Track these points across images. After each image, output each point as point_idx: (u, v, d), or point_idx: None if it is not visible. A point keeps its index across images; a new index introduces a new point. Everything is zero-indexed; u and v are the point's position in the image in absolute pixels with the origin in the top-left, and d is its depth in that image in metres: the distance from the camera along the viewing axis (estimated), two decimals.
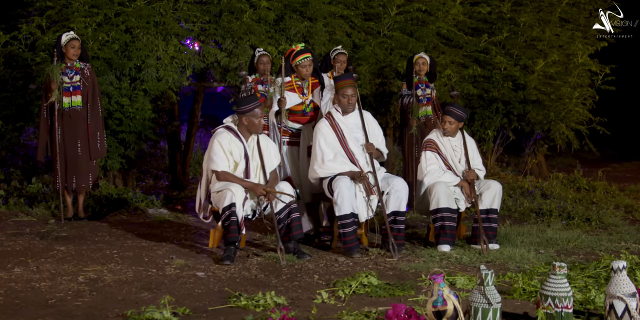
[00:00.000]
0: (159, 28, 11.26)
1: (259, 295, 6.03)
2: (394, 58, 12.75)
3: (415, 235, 9.25)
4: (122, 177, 12.05)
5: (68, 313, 5.74)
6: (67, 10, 11.16)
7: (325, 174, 8.13)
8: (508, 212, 11.03)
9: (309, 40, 12.19)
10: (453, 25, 13.63)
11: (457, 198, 8.40)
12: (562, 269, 5.32)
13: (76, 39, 9.58)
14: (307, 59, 8.78)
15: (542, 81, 14.03)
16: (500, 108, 13.90)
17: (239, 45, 11.62)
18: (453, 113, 8.52)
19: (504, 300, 6.14)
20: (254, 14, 11.72)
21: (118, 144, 11.23)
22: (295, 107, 8.86)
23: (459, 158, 8.60)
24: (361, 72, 12.44)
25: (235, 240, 7.54)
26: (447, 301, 5.08)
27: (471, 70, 13.27)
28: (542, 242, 8.62)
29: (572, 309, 5.31)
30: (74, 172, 9.71)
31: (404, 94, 10.86)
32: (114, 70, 11.02)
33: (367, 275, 6.63)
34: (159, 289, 6.49)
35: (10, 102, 11.12)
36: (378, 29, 13.01)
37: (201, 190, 8.08)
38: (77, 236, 8.80)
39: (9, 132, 11.13)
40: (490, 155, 15.05)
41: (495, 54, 13.72)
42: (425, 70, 10.69)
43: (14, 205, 10.56)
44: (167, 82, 11.29)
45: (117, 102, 11.05)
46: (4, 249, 7.99)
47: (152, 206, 10.92)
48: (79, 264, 7.35)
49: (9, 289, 6.39)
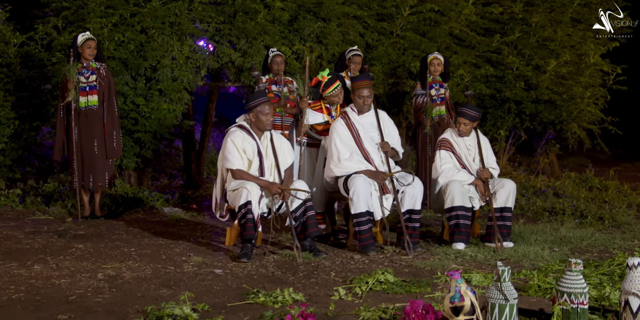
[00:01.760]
0: (174, 28, 11.34)
1: (277, 291, 6.11)
2: (407, 58, 12.82)
3: (430, 233, 9.30)
4: (138, 176, 12.15)
5: (89, 309, 5.81)
6: (83, 10, 11.25)
7: (341, 173, 8.19)
8: (521, 211, 11.09)
9: (322, 40, 12.26)
10: (465, 26, 13.69)
11: (472, 196, 8.46)
12: (578, 265, 5.37)
13: (92, 39, 9.67)
14: (338, 89, 8.77)
15: (554, 81, 14.06)
16: (512, 108, 13.94)
17: (253, 46, 11.70)
18: (467, 114, 8.57)
19: (519, 297, 6.20)
20: (268, 14, 11.81)
21: (133, 143, 11.31)
22: (318, 125, 8.90)
23: (473, 157, 8.65)
24: (374, 72, 12.50)
25: (251, 238, 7.61)
26: (464, 297, 5.14)
27: (483, 70, 13.33)
28: (555, 240, 8.67)
29: (587, 305, 5.36)
30: (90, 171, 9.80)
31: (417, 93, 10.90)
32: (129, 70, 11.11)
33: (384, 272, 6.69)
34: (178, 286, 6.56)
35: (26, 102, 11.21)
36: (391, 29, 13.08)
37: (217, 189, 8.16)
38: (95, 234, 8.88)
39: (25, 132, 11.21)
40: (503, 154, 15.10)
41: (507, 54, 13.77)
42: (440, 71, 10.74)
43: (31, 204, 10.68)
44: (182, 82, 11.38)
45: (132, 101, 11.14)
46: (22, 247, 8.08)
47: (167, 205, 11.00)
48: (98, 262, 7.43)
49: (29, 286, 6.47)
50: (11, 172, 11.35)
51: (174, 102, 11.47)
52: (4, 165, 11.19)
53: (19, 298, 6.11)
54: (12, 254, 7.70)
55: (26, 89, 11.26)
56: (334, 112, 8.81)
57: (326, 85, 8.68)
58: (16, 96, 11.13)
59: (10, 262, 7.35)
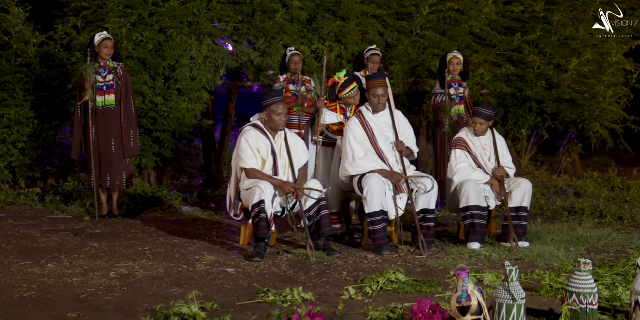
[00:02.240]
0: (193, 28, 11.37)
1: (287, 291, 6.10)
2: (427, 57, 12.77)
3: (446, 233, 9.26)
4: (157, 175, 12.19)
5: (99, 307, 5.83)
6: (102, 10, 11.30)
7: (355, 172, 8.16)
8: (541, 210, 11.02)
9: (341, 39, 12.25)
10: (486, 24, 13.61)
11: (487, 196, 8.41)
12: (587, 265, 5.33)
13: (109, 38, 9.71)
14: (355, 90, 8.70)
15: (576, 80, 13.95)
16: (533, 107, 13.85)
17: (272, 45, 11.71)
18: (482, 114, 8.51)
19: (531, 297, 6.17)
20: (286, 13, 11.80)
21: (152, 142, 11.35)
22: (332, 125, 8.88)
23: (488, 156, 8.60)
24: (394, 71, 12.47)
25: (264, 237, 7.61)
26: (471, 297, 5.11)
27: (504, 69, 13.25)
28: (572, 240, 8.60)
29: (597, 305, 5.31)
30: (108, 170, 9.84)
31: (436, 92, 10.84)
32: (148, 69, 11.15)
33: (395, 271, 6.67)
34: (189, 285, 6.57)
35: (46, 101, 11.27)
36: (411, 29, 13.03)
37: (231, 188, 8.17)
38: (111, 233, 8.92)
39: (44, 131, 11.27)
40: (525, 154, 15.03)
41: (528, 53, 13.67)
42: (459, 70, 10.68)
43: (50, 203, 10.74)
44: (201, 82, 11.40)
45: (151, 101, 11.18)
46: (38, 246, 8.12)
47: (186, 204, 11.02)
48: (112, 260, 7.46)
49: (41, 284, 6.51)
50: (31, 172, 11.41)
51: (193, 101, 11.50)
52: (23, 165, 11.26)
53: (30, 296, 6.14)
54: (27, 253, 7.75)
55: (46, 88, 11.32)
56: (349, 113, 8.77)
57: (342, 86, 8.64)
58: (36, 96, 11.21)
59: (25, 260, 7.40)
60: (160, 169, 12.20)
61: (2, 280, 6.64)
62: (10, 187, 11.44)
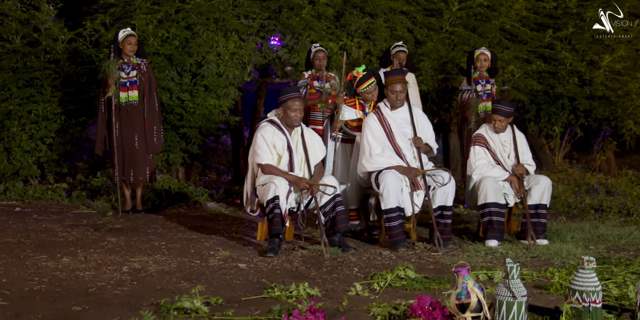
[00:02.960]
0: (219, 24, 11.41)
1: (292, 286, 6.09)
2: (457, 54, 12.70)
3: (467, 230, 9.19)
4: (185, 171, 12.24)
5: (105, 301, 5.87)
6: (130, 7, 11.39)
7: (372, 168, 8.13)
8: (568, 208, 10.89)
9: (369, 36, 12.22)
10: (517, 21, 13.48)
11: (506, 193, 8.33)
12: (591, 263, 5.25)
13: (132, 35, 9.77)
14: (372, 85, 8.62)
15: (609, 77, 13.76)
16: (566, 104, 13.71)
17: (299, 41, 11.71)
18: (501, 111, 8.42)
19: (539, 294, 6.11)
20: (312, 10, 11.79)
21: (179, 138, 11.40)
22: (351, 122, 8.84)
23: (508, 153, 8.51)
24: (423, 68, 12.42)
25: (279, 233, 7.60)
26: (470, 294, 5.06)
27: (535, 65, 13.12)
28: (593, 238, 8.48)
29: (600, 303, 5.23)
30: (131, 165, 9.91)
31: (463, 89, 10.76)
32: (174, 66, 11.20)
33: (405, 268, 6.63)
34: (199, 280, 6.58)
35: (74, 97, 11.38)
36: (440, 25, 12.95)
37: (248, 184, 8.18)
38: (131, 228, 8.98)
39: (71, 127, 11.38)
40: (558, 151, 14.87)
41: (560, 49, 13.52)
42: (487, 66, 10.59)
43: (76, 198, 10.85)
44: (228, 78, 11.43)
45: (178, 97, 11.23)
46: (56, 240, 8.19)
47: (211, 200, 11.07)
48: (126, 255, 7.51)
49: (53, 278, 6.56)
50: (59, 167, 11.53)
51: (221, 98, 11.53)
52: (51, 160, 11.38)
53: (40, 289, 6.19)
54: (44, 247, 7.82)
55: (73, 84, 11.42)
56: (367, 109, 8.71)
57: (360, 81, 8.59)
58: (63, 92, 11.32)
59: (41, 254, 7.47)
60: (188, 165, 12.27)
61: (15, 273, 6.71)
62: (39, 182, 11.57)
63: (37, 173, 11.34)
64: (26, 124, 11.10)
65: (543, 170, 14.31)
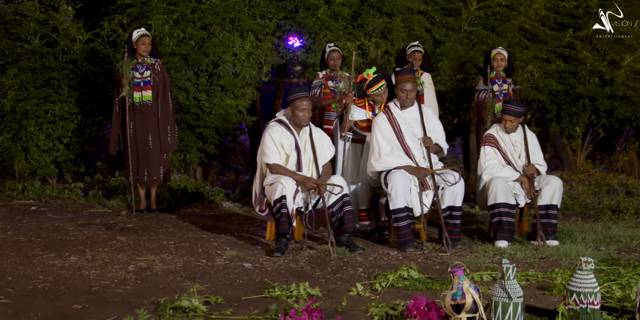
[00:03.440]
0: (235, 24, 11.43)
1: (293, 286, 6.08)
2: (475, 54, 12.62)
3: (480, 231, 9.12)
4: (203, 171, 12.27)
5: (105, 300, 5.89)
6: (147, 7, 11.45)
7: (381, 168, 8.10)
8: (585, 209, 10.78)
9: (387, 36, 12.18)
10: (537, 20, 13.38)
11: (517, 193, 8.27)
12: (589, 264, 5.21)
13: (146, 35, 9.81)
14: (382, 88, 8.59)
15: (630, 77, 13.58)
16: (587, 104, 13.58)
17: (316, 41, 11.71)
18: (511, 111, 8.35)
19: (542, 296, 6.06)
20: (328, 10, 11.78)
21: (196, 138, 11.44)
22: (361, 122, 8.82)
23: (518, 153, 8.45)
24: (441, 67, 12.36)
25: (285, 233, 7.60)
26: (466, 294, 5.03)
27: (554, 65, 13.01)
28: (605, 239, 8.37)
29: (599, 305, 5.18)
30: (145, 165, 9.95)
31: (479, 89, 10.69)
32: (191, 66, 11.23)
33: (408, 268, 6.61)
34: (202, 279, 6.60)
35: (90, 97, 11.43)
36: (458, 24, 12.89)
37: (256, 183, 8.18)
38: (142, 227, 9.02)
39: (88, 127, 11.43)
40: (580, 152, 14.72)
41: (581, 49, 13.40)
42: (503, 66, 10.51)
43: (93, 197, 10.91)
44: (244, 78, 11.45)
45: (194, 97, 11.26)
46: (67, 239, 8.25)
47: (227, 200, 11.09)
48: (134, 254, 7.54)
49: (58, 276, 6.61)
50: (76, 166, 11.59)
51: (238, 97, 11.56)
52: (68, 160, 11.44)
53: (43, 288, 6.24)
54: (54, 245, 7.88)
55: (90, 84, 11.47)
56: (377, 110, 8.68)
57: (370, 84, 8.57)
58: (80, 92, 11.37)
59: (49, 253, 7.52)
60: (206, 165, 12.30)
61: (21, 271, 6.77)
62: (57, 181, 11.65)
63: (55, 172, 11.42)
64: (43, 123, 11.17)
65: (565, 170, 14.21)
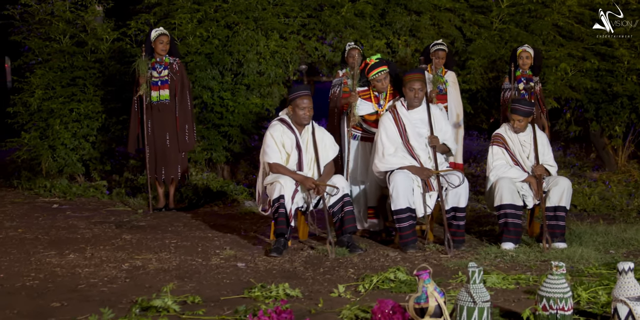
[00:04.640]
0: (259, 23, 11.43)
1: (272, 286, 6.06)
2: (507, 51, 12.41)
3: (492, 232, 8.95)
4: (230, 169, 12.30)
5: (87, 298, 5.95)
6: (173, 6, 11.52)
7: (385, 168, 8.01)
8: (612, 210, 10.50)
9: (415, 33, 12.08)
10: (572, 17, 13.12)
11: (525, 194, 8.11)
12: (560, 268, 5.08)
13: (164, 34, 9.87)
14: (382, 73, 8.50)
15: None
16: (625, 103, 13.27)
17: (342, 40, 11.65)
18: (519, 110, 8.18)
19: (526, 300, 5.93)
20: (352, 8, 11.71)
21: (221, 137, 11.46)
22: (369, 116, 8.74)
23: (527, 153, 8.28)
24: (472, 66, 12.20)
25: (283, 233, 7.57)
26: (429, 298, 4.95)
27: (588, 63, 12.75)
28: (617, 242, 8.11)
29: (570, 311, 5.06)
30: (162, 163, 10.01)
31: (505, 87, 10.54)
32: (215, 65, 11.26)
33: (396, 270, 6.52)
34: (191, 278, 6.62)
35: (115, 96, 11.51)
36: (489, 22, 12.70)
37: (259, 183, 8.14)
38: (152, 226, 9.07)
39: (112, 125, 11.53)
40: (621, 152, 14.41)
41: (618, 46, 13.11)
42: (529, 64, 10.33)
43: (116, 196, 11.00)
44: (270, 77, 11.45)
45: (219, 96, 11.29)
46: (73, 236, 8.35)
47: (250, 198, 11.08)
48: (133, 252, 7.60)
49: (49, 273, 6.70)
50: (101, 164, 11.71)
51: (264, 96, 11.56)
52: (94, 158, 11.55)
53: (31, 285, 6.34)
54: (58, 243, 7.98)
55: (116, 83, 11.55)
56: (382, 101, 8.59)
57: (371, 68, 8.49)
58: (105, 91, 11.46)
59: (51, 250, 7.63)
60: (233, 164, 12.32)
61: (15, 268, 6.87)
62: (85, 179, 11.78)
63: (82, 170, 11.53)
64: (69, 122, 11.28)
65: (605, 171, 13.93)
